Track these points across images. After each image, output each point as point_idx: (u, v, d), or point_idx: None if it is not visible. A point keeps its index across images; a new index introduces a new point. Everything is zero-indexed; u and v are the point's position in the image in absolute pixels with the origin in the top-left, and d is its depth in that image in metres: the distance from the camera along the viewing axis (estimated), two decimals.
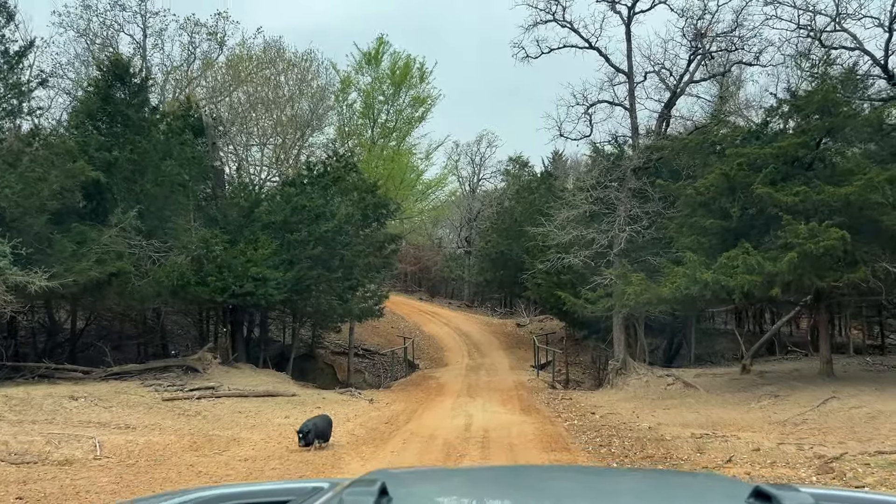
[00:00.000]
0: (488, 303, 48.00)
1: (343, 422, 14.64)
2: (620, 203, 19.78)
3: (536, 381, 21.96)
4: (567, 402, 17.40)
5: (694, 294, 13.43)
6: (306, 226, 19.32)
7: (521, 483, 1.73)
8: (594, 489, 1.66)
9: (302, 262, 19.01)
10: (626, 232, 18.92)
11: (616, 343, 19.83)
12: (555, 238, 19.95)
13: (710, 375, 17.74)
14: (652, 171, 20.42)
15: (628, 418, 13.91)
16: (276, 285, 18.14)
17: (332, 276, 19.76)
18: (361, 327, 34.03)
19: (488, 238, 35.29)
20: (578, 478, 2.02)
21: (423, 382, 22.56)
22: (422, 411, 16.24)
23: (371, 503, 1.25)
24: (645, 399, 16.43)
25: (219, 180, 20.34)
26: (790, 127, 14.55)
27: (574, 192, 21.67)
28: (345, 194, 21.38)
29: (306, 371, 27.57)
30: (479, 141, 55.40)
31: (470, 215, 52.86)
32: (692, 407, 14.31)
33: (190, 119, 21.57)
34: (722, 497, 1.54)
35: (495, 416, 15.26)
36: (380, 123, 26.52)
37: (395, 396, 19.23)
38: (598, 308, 18.43)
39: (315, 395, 18.20)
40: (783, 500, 1.28)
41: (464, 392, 19.58)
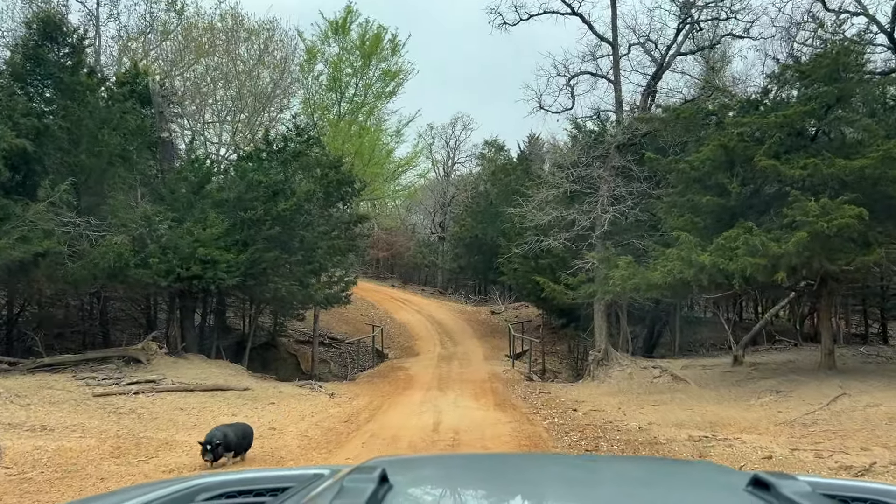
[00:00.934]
0: (462, 290, 46.62)
1: (297, 420, 13.09)
2: (603, 182, 18.37)
3: (512, 373, 20.57)
4: (545, 396, 16.01)
5: (689, 279, 12.06)
6: (262, 203, 17.61)
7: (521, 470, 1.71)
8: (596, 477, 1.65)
9: (257, 244, 17.32)
10: (610, 213, 17.53)
11: (597, 332, 18.48)
12: (533, 219, 18.49)
13: (700, 367, 16.46)
14: (638, 149, 19.04)
15: (614, 416, 12.53)
16: (227, 268, 16.44)
17: (292, 260, 18.10)
18: (328, 315, 32.41)
19: (462, 222, 33.77)
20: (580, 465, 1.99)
21: (391, 374, 21.05)
22: (387, 407, 14.73)
23: (372, 490, 1.23)
24: (630, 393, 15.08)
25: (166, 154, 18.51)
26: (793, 96, 13.22)
27: (553, 170, 20.21)
28: (306, 170, 19.70)
29: (268, 361, 25.92)
30: (453, 123, 53.80)
31: (444, 200, 51.30)
32: (684, 403, 12.98)
33: (136, 87, 19.71)
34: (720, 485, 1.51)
35: (468, 412, 13.81)
36: (347, 98, 24.80)
37: (359, 390, 17.69)
38: (579, 295, 17.04)
39: (271, 389, 16.58)
40: (781, 488, 1.27)
41: (434, 385, 18.11)
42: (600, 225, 18.04)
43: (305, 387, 17.63)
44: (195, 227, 16.16)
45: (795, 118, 11.88)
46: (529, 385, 18.24)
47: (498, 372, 20.60)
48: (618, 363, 17.65)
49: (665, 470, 1.96)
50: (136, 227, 16.01)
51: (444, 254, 47.51)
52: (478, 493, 1.54)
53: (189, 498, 1.73)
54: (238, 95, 23.86)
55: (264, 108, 24.98)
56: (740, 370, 15.31)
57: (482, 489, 1.55)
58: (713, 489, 1.51)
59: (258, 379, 18.32)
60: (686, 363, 17.47)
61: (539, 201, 18.84)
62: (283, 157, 19.39)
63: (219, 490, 1.78)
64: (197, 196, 17.61)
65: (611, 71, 19.55)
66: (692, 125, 14.87)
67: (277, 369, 25.94)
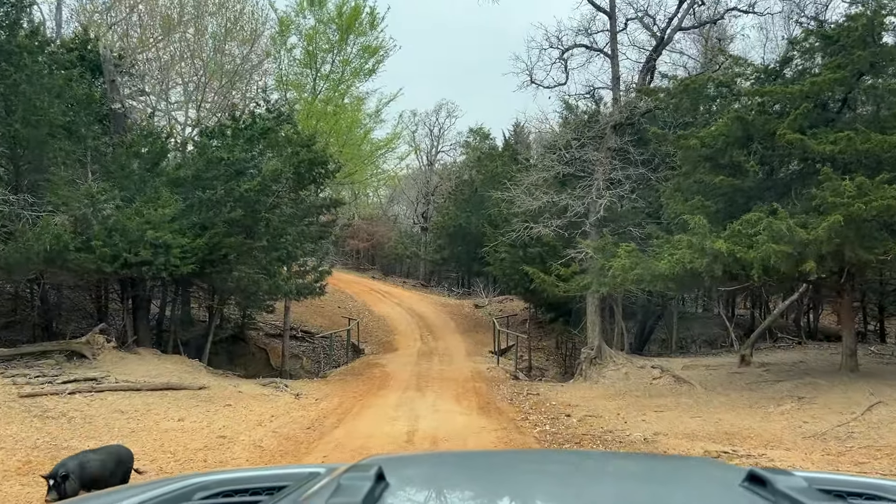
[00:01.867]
0: (445, 282, 45.09)
1: (252, 426, 11.48)
2: (598, 165, 16.85)
3: (497, 370, 19.06)
4: (534, 397, 14.50)
5: (700, 269, 10.58)
6: (223, 183, 15.91)
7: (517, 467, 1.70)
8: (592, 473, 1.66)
9: (217, 227, 15.62)
10: (606, 198, 16.01)
11: (590, 327, 16.99)
12: (521, 205, 16.95)
13: (703, 368, 15.03)
14: (636, 129, 17.55)
15: (614, 424, 11.04)
16: (181, 254, 14.74)
17: (256, 246, 16.42)
18: (303, 307, 30.71)
19: (446, 211, 32.14)
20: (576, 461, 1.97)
21: (366, 371, 19.45)
22: (358, 411, 13.15)
23: (368, 488, 1.23)
24: (628, 396, 13.61)
25: (118, 127, 16.71)
26: (817, 65, 11.76)
27: (543, 152, 18.66)
28: (275, 149, 18.00)
29: (235, 356, 24.23)
30: (437, 110, 52.15)
31: (427, 189, 49.67)
32: (692, 410, 11.51)
33: (87, 54, 17.90)
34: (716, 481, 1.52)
35: (448, 418, 12.27)
36: (323, 74, 23.04)
37: (329, 389, 16.08)
38: (571, 287, 15.54)
39: (230, 388, 14.93)
40: (777, 483, 1.28)
41: (412, 384, 16.55)
42: (595, 211, 16.54)
43: (269, 385, 16.00)
44: (145, 208, 14.42)
45: (824, 86, 10.42)
46: (516, 384, 16.74)
47: (482, 370, 19.08)
48: (612, 362, 16.19)
49: (661, 466, 1.94)
50: (79, 206, 14.26)
51: (427, 245, 45.90)
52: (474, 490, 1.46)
53: (186, 497, 1.71)
54: (204, 71, 22.07)
55: (233, 84, 23.22)
56: (749, 371, 13.90)
57: (479, 487, 1.48)
58: (709, 485, 1.49)
59: (218, 376, 16.65)
60: (686, 363, 16.04)
61: (528, 185, 17.30)
62: (250, 134, 17.67)
63: (216, 489, 1.76)
64: (150, 173, 15.86)
65: (608, 45, 18.04)
66: (701, 98, 13.37)
67: (245, 365, 24.26)
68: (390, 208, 59.58)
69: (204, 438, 10.41)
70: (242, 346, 24.44)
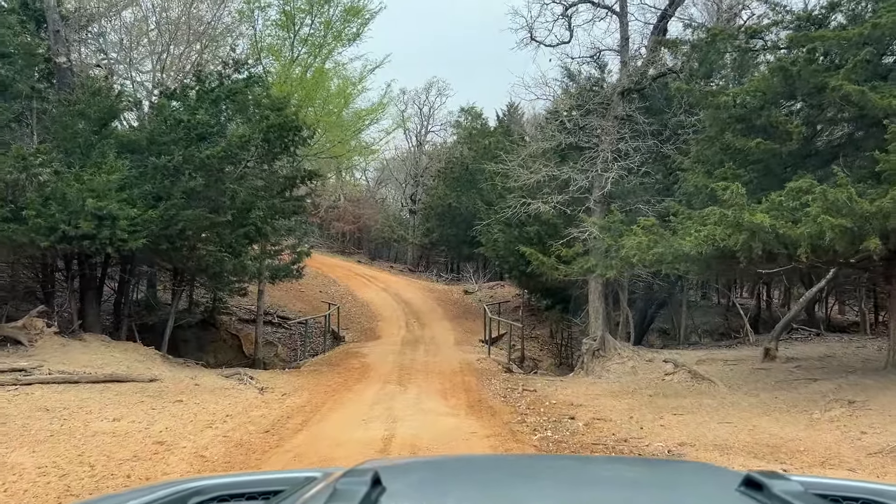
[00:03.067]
0: (434, 267, 43.34)
1: (200, 429, 9.67)
2: (605, 134, 15.06)
3: (488, 362, 17.34)
4: (531, 394, 12.79)
5: (734, 248, 8.84)
6: (182, 148, 14.03)
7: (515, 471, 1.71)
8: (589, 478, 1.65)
9: (174, 198, 13.74)
10: (613, 171, 14.24)
11: (592, 316, 15.28)
12: (518, 178, 15.16)
13: (721, 362, 13.35)
14: (646, 97, 15.78)
15: (628, 430, 9.33)
16: (130, 226, 12.86)
17: (219, 221, 14.54)
18: (282, 291, 28.94)
19: (435, 190, 30.27)
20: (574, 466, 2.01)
21: (344, 361, 17.67)
22: (328, 409, 11.38)
23: (364, 492, 1.23)
24: (639, 395, 11.92)
25: (63, 83, 14.74)
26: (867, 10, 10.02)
27: (544, 122, 16.86)
28: (243, 112, 16.11)
29: (204, 343, 22.43)
30: (428, 89, 50.18)
31: (416, 170, 47.77)
32: (718, 413, 9.82)
33: (30, 2, 15.89)
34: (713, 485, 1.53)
35: (432, 419, 10.52)
36: (302, 38, 21.06)
37: (300, 382, 14.31)
38: (573, 270, 13.79)
39: (186, 380, 13.12)
40: (773, 488, 1.28)
41: (394, 377, 14.80)
42: (600, 186, 14.79)
43: (233, 377, 14.19)
44: (86, 173, 12.52)
45: (888, 31, 8.67)
46: (509, 378, 15.01)
47: (471, 361, 17.35)
48: (617, 354, 14.51)
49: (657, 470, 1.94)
50: (11, 170, 12.35)
51: (416, 228, 44.09)
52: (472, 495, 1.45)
53: (181, 502, 1.72)
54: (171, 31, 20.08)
55: (204, 48, 21.24)
56: (776, 367, 12.23)
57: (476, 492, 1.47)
58: (706, 489, 1.50)
59: (176, 366, 14.83)
60: (700, 356, 14.36)
61: (526, 157, 15.49)
62: (216, 96, 15.76)
63: (211, 494, 1.76)
64: (99, 136, 13.93)
65: (616, 2, 16.17)
66: (731, 51, 11.58)
67: (216, 352, 22.47)
68: (378, 191, 57.67)
69: (137, 445, 8.61)
70: (213, 333, 22.61)
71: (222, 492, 1.76)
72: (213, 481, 1.83)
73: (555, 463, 2.18)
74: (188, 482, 1.82)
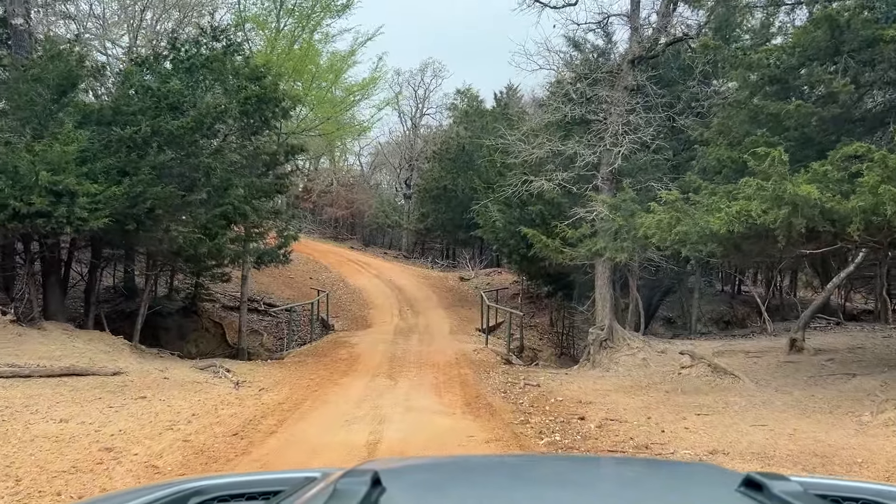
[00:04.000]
0: (429, 253, 42.12)
1: (160, 431, 8.47)
2: (614, 106, 13.82)
3: (486, 352, 16.16)
4: (534, 389, 11.63)
5: (772, 224, 7.63)
6: (150, 118, 12.74)
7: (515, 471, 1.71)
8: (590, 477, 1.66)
9: (141, 174, 12.47)
10: (624, 145, 13.00)
11: (599, 303, 14.09)
12: (519, 154, 13.92)
13: (741, 354, 12.19)
14: (657, 67, 14.54)
15: (647, 433, 8.16)
16: (90, 204, 11.60)
17: (193, 199, 13.29)
18: (269, 277, 27.72)
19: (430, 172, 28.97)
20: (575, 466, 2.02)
21: (332, 352, 16.49)
22: (309, 407, 10.18)
23: (364, 492, 1.23)
24: (654, 391, 10.76)
25: (20, 46, 13.42)
26: None
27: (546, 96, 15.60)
28: (221, 82, 14.82)
29: (186, 332, 21.20)
30: (423, 70, 48.80)
31: (411, 154, 46.44)
32: (748, 413, 8.65)
33: None
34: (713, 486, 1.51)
35: (424, 419, 9.34)
36: (288, 8, 19.69)
37: (282, 375, 13.12)
38: (580, 253, 12.60)
39: (154, 374, 11.91)
40: (773, 488, 1.29)
41: (384, 369, 13.62)
42: (608, 162, 13.56)
43: (208, 370, 13.00)
44: (39, 144, 11.24)
45: None
46: (509, 371, 13.85)
47: (468, 351, 16.18)
48: (627, 345, 13.35)
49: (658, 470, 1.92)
50: None
51: (410, 213, 42.82)
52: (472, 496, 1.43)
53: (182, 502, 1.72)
54: None
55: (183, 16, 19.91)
56: (805, 360, 11.07)
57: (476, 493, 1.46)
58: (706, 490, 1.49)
59: (146, 357, 13.62)
60: (717, 347, 13.21)
61: (527, 132, 14.24)
62: (191, 64, 14.47)
63: (212, 494, 1.76)
64: (57, 105, 12.63)
65: None
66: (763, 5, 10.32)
67: (197, 341, 21.28)
68: (372, 176, 56.35)
69: (80, 452, 7.40)
70: (195, 321, 21.38)
71: (223, 492, 1.77)
72: (214, 481, 1.84)
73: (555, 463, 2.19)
74: (189, 482, 1.82)
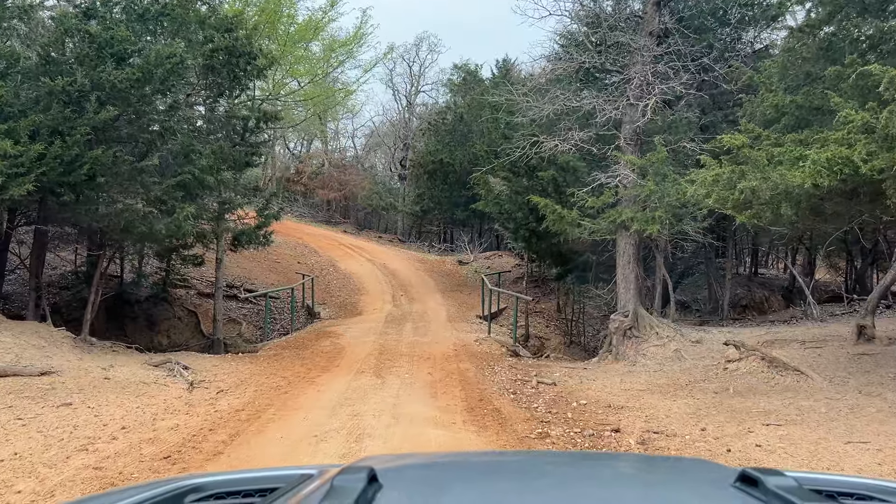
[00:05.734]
0: (426, 237, 40.07)
1: (72, 452, 6.48)
2: (638, 52, 11.74)
3: (488, 343, 14.18)
4: (549, 389, 9.65)
5: (881, 174, 5.62)
6: (90, 68, 10.66)
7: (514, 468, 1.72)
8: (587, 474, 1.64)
9: (76, 134, 10.40)
10: (653, 97, 10.94)
11: (621, 285, 12.07)
12: (528, 110, 11.85)
13: (796, 344, 10.19)
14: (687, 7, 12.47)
15: (707, 453, 6.17)
16: (10, 168, 9.55)
17: (143, 166, 11.22)
18: (253, 261, 25.69)
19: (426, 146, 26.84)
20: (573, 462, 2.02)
21: (313, 343, 14.49)
22: (272, 416, 8.18)
23: (361, 489, 1.21)
24: (698, 391, 8.77)
25: None
26: None
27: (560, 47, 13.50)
28: (183, 32, 12.73)
29: (156, 321, 19.16)
30: (418, 45, 46.55)
31: (406, 133, 44.27)
32: (833, 422, 6.67)
33: None
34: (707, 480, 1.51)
35: (414, 434, 7.32)
36: None
37: (249, 372, 11.12)
38: (601, 226, 10.60)
39: (94, 373, 9.91)
40: (768, 483, 1.28)
41: (370, 364, 11.62)
42: (632, 119, 11.51)
43: (163, 367, 11.00)
44: None
45: None
46: (517, 365, 11.86)
47: (468, 341, 14.20)
48: (655, 334, 11.37)
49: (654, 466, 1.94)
50: None
51: (406, 196, 40.73)
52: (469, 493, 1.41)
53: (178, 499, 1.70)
54: None
55: None
56: (879, 351, 9.08)
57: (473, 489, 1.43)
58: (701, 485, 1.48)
59: (91, 353, 11.58)
60: (761, 335, 11.23)
61: (535, 86, 12.17)
62: (143, 10, 12.36)
63: (210, 490, 1.76)
64: None
65: None
66: None
67: (169, 331, 19.24)
68: (367, 158, 54.17)
69: None
70: (165, 309, 19.33)
71: (220, 489, 1.76)
72: (211, 478, 1.82)
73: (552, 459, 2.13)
74: (186, 479, 1.81)
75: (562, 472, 1.63)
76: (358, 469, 1.34)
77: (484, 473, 1.61)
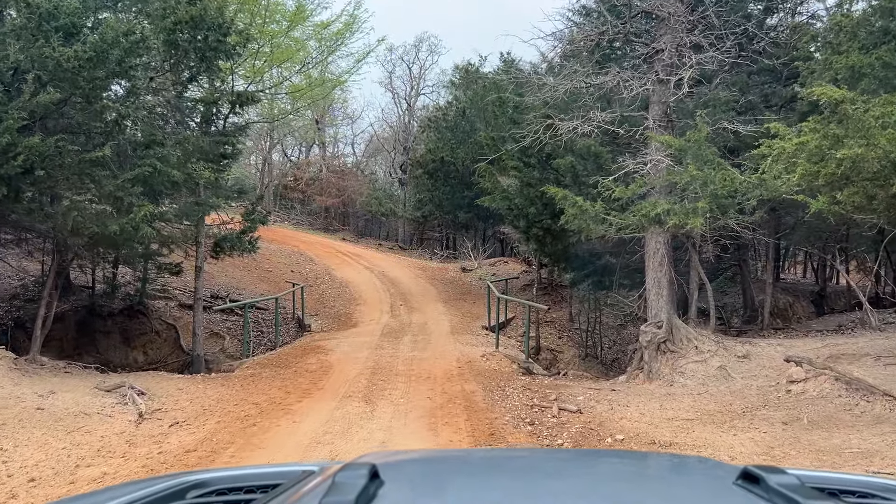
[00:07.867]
0: (428, 244, 38.44)
1: None
2: (670, 19, 10.10)
3: (497, 358, 12.47)
4: (574, 419, 7.94)
5: None
6: (30, 43, 9.07)
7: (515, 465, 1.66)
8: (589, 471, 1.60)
9: (9, 119, 8.78)
10: (690, 69, 9.29)
11: (653, 291, 10.37)
12: (540, 88, 10.19)
13: (868, 359, 8.48)
14: None
15: None
16: None
17: (92, 157, 9.57)
18: (243, 270, 24.11)
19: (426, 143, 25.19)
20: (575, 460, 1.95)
21: (298, 360, 12.78)
22: (228, 459, 6.49)
23: (362, 486, 1.20)
24: (759, 420, 7.06)
25: None
26: None
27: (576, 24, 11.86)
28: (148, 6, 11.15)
29: (131, 336, 17.50)
30: (417, 45, 45.17)
31: (406, 137, 42.72)
32: None
33: None
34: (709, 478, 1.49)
35: None
36: None
37: (217, 398, 9.43)
38: (630, 220, 8.93)
39: (26, 402, 8.24)
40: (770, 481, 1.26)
41: (360, 387, 9.93)
42: (661, 99, 9.84)
43: (115, 392, 9.32)
44: None
45: None
46: (531, 385, 10.15)
47: (474, 357, 12.50)
48: (694, 348, 9.67)
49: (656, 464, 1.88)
50: None
51: (407, 201, 39.14)
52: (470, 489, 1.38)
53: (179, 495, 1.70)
54: None
55: None
56: None
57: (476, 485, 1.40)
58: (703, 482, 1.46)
59: (33, 375, 9.89)
60: (819, 348, 9.51)
61: (552, 58, 10.52)
62: None
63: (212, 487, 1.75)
64: None
65: None
66: None
67: (145, 347, 17.59)
68: (367, 164, 52.64)
69: None
70: (142, 322, 17.66)
71: (222, 485, 1.75)
72: (213, 475, 1.80)
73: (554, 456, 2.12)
74: (188, 475, 1.79)
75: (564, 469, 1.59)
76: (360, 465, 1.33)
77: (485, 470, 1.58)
